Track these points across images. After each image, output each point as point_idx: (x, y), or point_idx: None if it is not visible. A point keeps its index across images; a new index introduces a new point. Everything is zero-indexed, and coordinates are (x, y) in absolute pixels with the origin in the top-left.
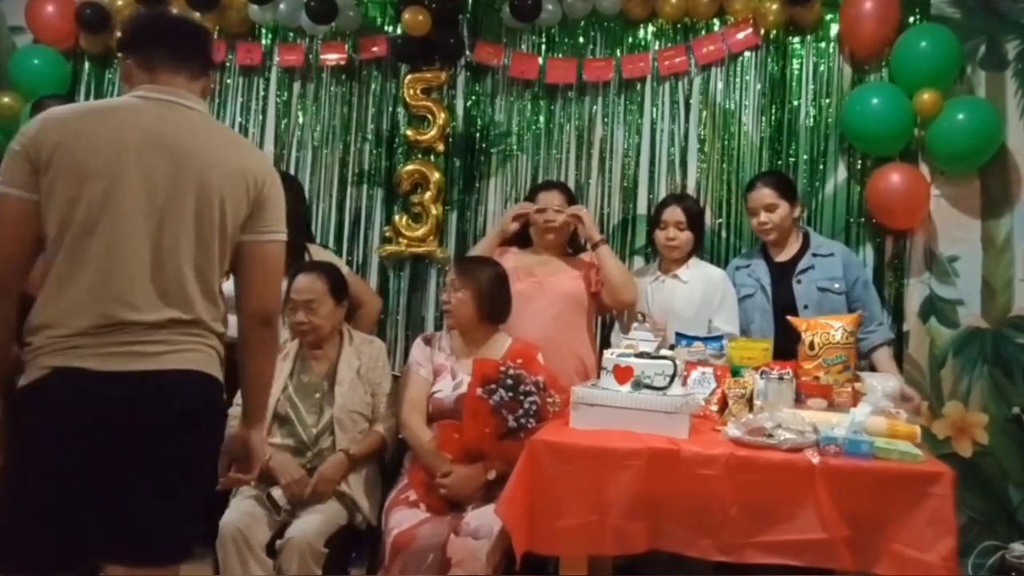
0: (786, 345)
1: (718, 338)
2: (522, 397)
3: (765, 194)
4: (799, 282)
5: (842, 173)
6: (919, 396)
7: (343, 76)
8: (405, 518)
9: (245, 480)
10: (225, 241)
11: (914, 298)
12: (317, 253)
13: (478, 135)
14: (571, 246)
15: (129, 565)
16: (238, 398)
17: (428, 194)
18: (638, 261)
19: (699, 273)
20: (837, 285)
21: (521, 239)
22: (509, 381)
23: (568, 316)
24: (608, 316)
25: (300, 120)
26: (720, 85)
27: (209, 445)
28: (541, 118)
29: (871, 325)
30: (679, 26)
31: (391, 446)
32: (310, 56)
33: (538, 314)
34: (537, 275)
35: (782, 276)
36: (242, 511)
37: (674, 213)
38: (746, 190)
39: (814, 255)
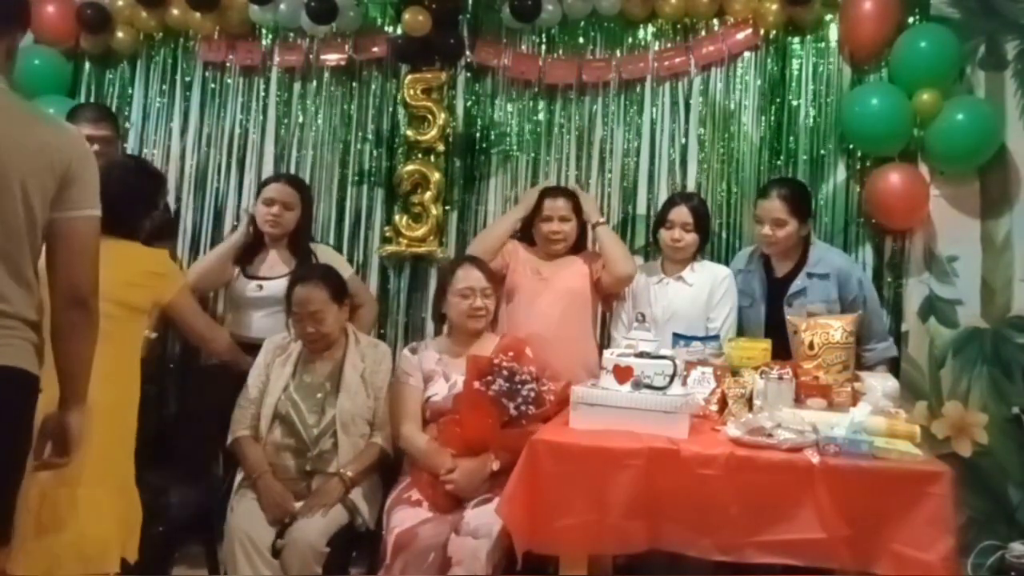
0: (775, 358)
1: (715, 337)
2: (519, 386)
3: (776, 207)
4: (790, 305)
5: (841, 173)
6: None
7: (343, 76)
8: (407, 517)
9: (59, 464)
10: (34, 224)
11: (913, 298)
12: (324, 254)
13: (478, 135)
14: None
15: None
16: (241, 398)
17: (428, 194)
18: (638, 261)
19: (704, 274)
20: (831, 309)
21: (526, 237)
22: (505, 372)
23: (572, 313)
24: (608, 315)
25: (300, 120)
26: (720, 85)
27: (18, 437)
28: (541, 118)
29: (870, 343)
30: (679, 26)
31: (392, 455)
32: (310, 56)
33: (544, 311)
34: (543, 272)
35: (777, 293)
36: (246, 514)
37: (681, 213)
38: (759, 195)
39: (809, 274)
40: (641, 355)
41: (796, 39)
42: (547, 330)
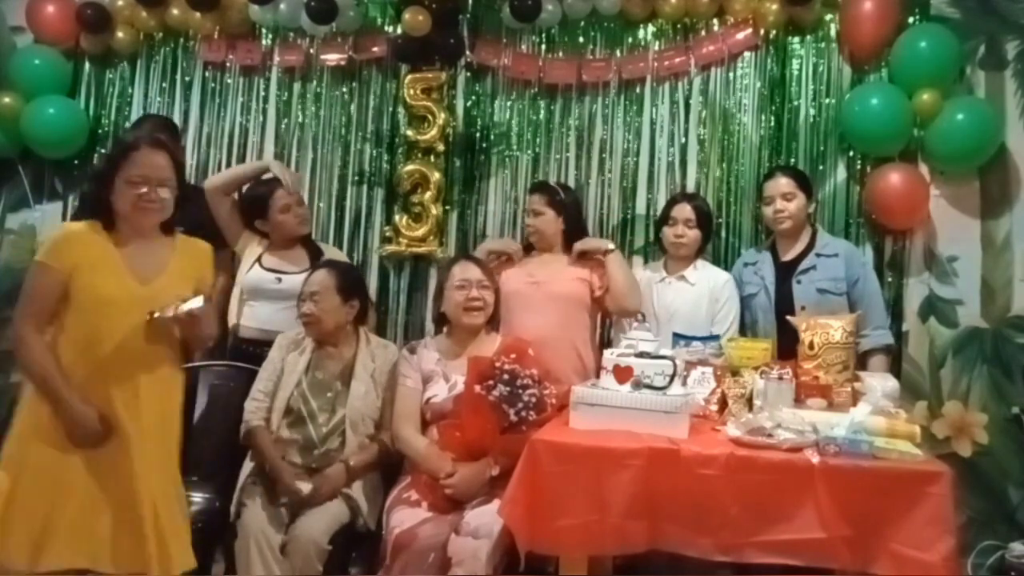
0: (788, 346)
1: (715, 338)
2: (520, 391)
3: (783, 183)
4: (799, 282)
5: (842, 173)
6: None
7: (343, 76)
8: (406, 517)
9: None
10: None
11: (914, 298)
12: (330, 254)
13: (478, 135)
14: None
15: None
16: (255, 390)
17: (428, 194)
18: (638, 261)
19: (705, 275)
20: (838, 286)
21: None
22: (506, 376)
23: (569, 316)
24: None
25: (300, 120)
26: (720, 85)
27: None
28: (541, 118)
29: (867, 328)
30: (679, 26)
31: (395, 451)
32: (310, 56)
33: (539, 314)
34: (537, 276)
35: (785, 275)
36: (258, 512)
37: (684, 210)
38: (764, 179)
39: (818, 255)
40: (641, 355)
41: (796, 39)
42: (544, 334)
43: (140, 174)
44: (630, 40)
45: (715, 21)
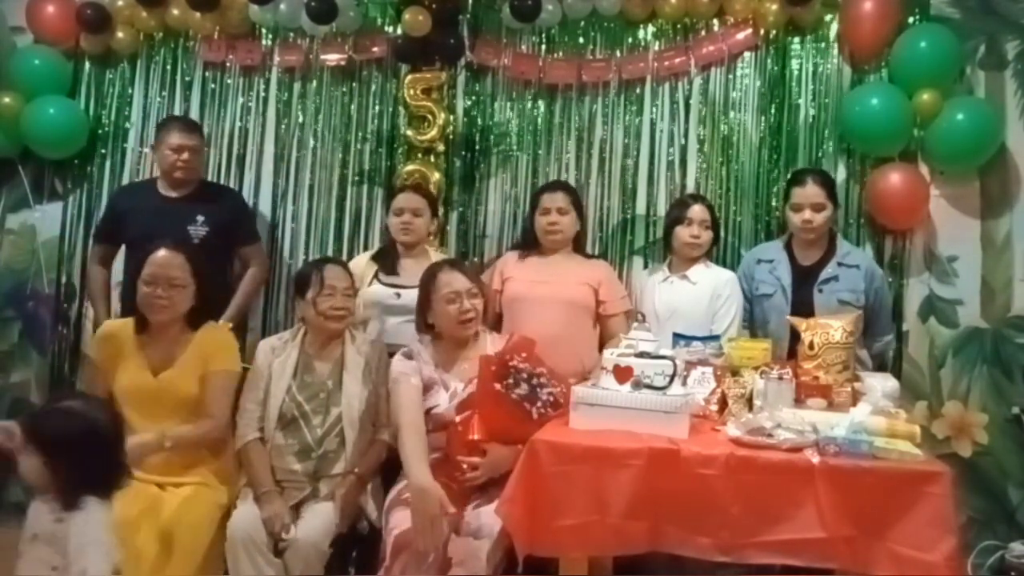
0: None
1: (715, 338)
2: (538, 389)
3: (815, 192)
4: (820, 291)
5: (841, 173)
6: None
7: (343, 76)
8: (406, 518)
9: None
10: None
11: (914, 298)
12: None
13: (478, 135)
14: (577, 250)
15: None
16: (246, 400)
17: None
18: (638, 261)
19: (709, 274)
20: (858, 299)
21: (525, 244)
22: (524, 375)
23: (572, 320)
24: None
25: (300, 120)
26: (720, 85)
27: None
28: (541, 118)
29: (880, 336)
30: (679, 26)
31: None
32: (310, 56)
33: (543, 317)
34: (543, 278)
35: (803, 280)
36: (251, 514)
37: (699, 211)
38: (791, 183)
39: (839, 264)
40: (641, 355)
41: (796, 39)
42: (548, 336)
43: (150, 273)
44: (630, 40)
45: (715, 21)
